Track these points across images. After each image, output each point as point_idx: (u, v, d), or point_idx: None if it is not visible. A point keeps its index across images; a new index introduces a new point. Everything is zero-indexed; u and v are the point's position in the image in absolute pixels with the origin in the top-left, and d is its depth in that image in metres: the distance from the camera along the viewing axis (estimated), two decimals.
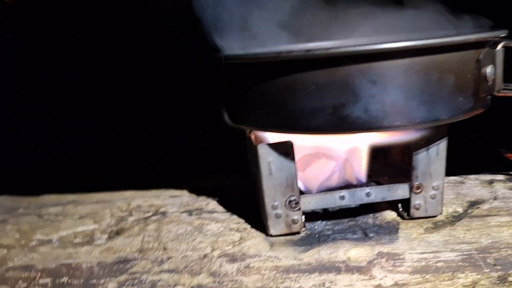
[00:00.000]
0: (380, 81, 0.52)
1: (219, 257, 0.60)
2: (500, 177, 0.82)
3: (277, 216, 0.63)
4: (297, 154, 0.68)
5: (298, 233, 0.65)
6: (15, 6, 0.97)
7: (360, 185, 0.70)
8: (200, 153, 1.02)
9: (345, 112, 0.53)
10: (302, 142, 0.65)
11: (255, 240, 0.63)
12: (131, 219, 0.73)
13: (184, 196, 0.82)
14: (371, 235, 0.63)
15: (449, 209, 0.69)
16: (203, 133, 1.01)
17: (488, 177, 0.82)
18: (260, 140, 0.65)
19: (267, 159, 0.61)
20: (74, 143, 1.05)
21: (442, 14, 0.69)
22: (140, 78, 1.02)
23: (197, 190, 0.85)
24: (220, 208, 0.75)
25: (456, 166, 0.83)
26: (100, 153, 1.04)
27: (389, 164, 0.77)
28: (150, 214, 0.75)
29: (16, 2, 0.96)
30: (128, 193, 0.87)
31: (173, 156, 1.04)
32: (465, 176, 0.85)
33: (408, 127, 0.55)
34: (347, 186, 0.70)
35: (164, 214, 0.74)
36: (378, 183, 0.71)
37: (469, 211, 0.69)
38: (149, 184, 0.90)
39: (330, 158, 0.70)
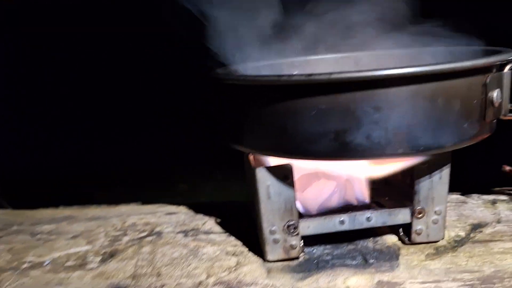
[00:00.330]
0: (383, 107, 0.50)
1: (214, 285, 0.58)
2: (503, 197, 0.80)
3: (275, 241, 0.62)
4: (296, 174, 0.66)
5: (296, 258, 0.63)
6: (15, 6, 0.96)
7: (361, 207, 0.68)
8: (200, 153, 1.01)
9: (347, 139, 0.51)
10: (301, 162, 0.63)
11: (251, 266, 0.62)
12: (125, 239, 0.71)
13: (180, 214, 0.80)
14: (371, 261, 0.62)
15: (451, 233, 0.68)
16: (203, 133, 0.99)
17: (491, 196, 0.81)
18: (258, 162, 0.64)
19: (266, 183, 0.60)
20: (74, 143, 1.04)
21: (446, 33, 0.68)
22: (140, 78, 1.01)
23: (195, 206, 0.83)
24: (217, 228, 0.73)
25: (458, 183, 0.81)
26: (100, 153, 1.03)
27: (389, 184, 0.75)
28: (145, 234, 0.73)
29: (16, 2, 0.96)
30: (124, 209, 0.85)
31: (173, 156, 1.03)
32: (467, 195, 0.83)
33: (411, 155, 0.53)
34: (348, 207, 0.68)
35: (159, 234, 0.72)
36: (379, 204, 0.69)
37: (472, 235, 0.67)
38: (149, 185, 0.88)
39: (330, 178, 0.69)
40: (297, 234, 0.62)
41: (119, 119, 1.04)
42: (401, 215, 0.64)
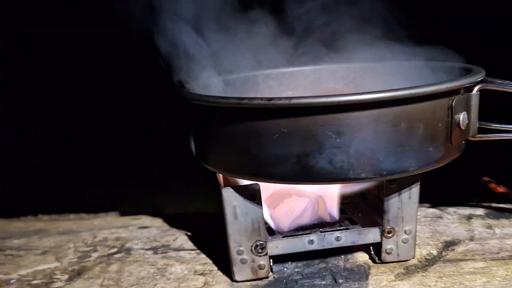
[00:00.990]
0: (345, 132, 0.49)
1: None
2: (480, 211, 0.80)
3: (243, 262, 0.61)
4: (268, 191, 0.66)
5: (265, 277, 0.62)
6: (15, 6, 0.96)
7: (333, 223, 0.67)
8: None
9: (310, 163, 0.51)
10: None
11: (219, 287, 0.61)
12: (94, 255, 0.71)
13: (153, 228, 0.79)
14: (340, 281, 0.61)
15: (423, 251, 0.67)
16: None
17: (468, 211, 0.80)
18: (228, 180, 0.63)
19: (232, 203, 0.59)
20: (73, 144, 1.04)
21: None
22: (139, 78, 1.00)
23: (170, 219, 0.82)
24: (188, 244, 0.73)
25: (435, 195, 0.81)
26: (96, 152, 1.03)
27: (364, 198, 0.74)
28: (114, 250, 0.72)
29: (16, 2, 0.95)
30: (97, 221, 0.84)
31: (168, 155, 1.02)
32: (443, 208, 0.82)
33: (375, 179, 0.53)
34: (320, 223, 0.68)
35: (128, 251, 0.71)
36: (351, 221, 0.69)
37: (444, 253, 0.67)
38: (143, 184, 0.87)
39: (302, 194, 0.68)
40: (265, 254, 0.61)
41: (117, 119, 1.04)
42: (371, 235, 0.63)
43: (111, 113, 1.03)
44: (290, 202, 0.68)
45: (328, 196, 0.69)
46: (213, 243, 0.71)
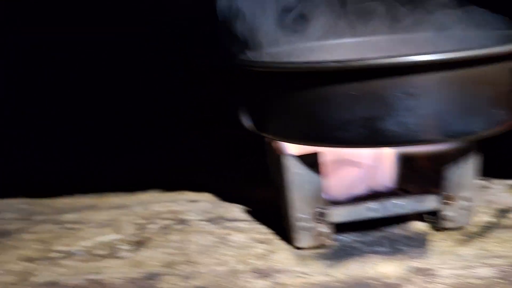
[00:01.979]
0: (414, 94, 0.49)
1: (247, 272, 0.58)
2: None
3: (304, 229, 0.62)
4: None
5: (326, 245, 0.63)
6: (15, 6, 0.96)
7: (390, 194, 0.68)
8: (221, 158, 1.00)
9: (378, 125, 0.51)
10: (327, 149, 0.63)
11: (282, 253, 0.62)
12: (151, 227, 0.72)
13: (202, 202, 0.80)
14: (400, 247, 0.62)
15: (478, 219, 0.67)
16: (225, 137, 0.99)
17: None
18: (283, 149, 0.63)
19: (293, 171, 0.60)
20: (82, 145, 1.04)
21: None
22: (142, 77, 1.00)
23: (216, 194, 0.83)
24: (242, 216, 0.74)
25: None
26: (98, 154, 1.03)
27: (415, 170, 0.74)
28: (170, 222, 0.73)
29: (16, 2, 0.96)
30: (144, 197, 0.85)
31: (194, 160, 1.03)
32: (488, 179, 0.82)
33: (442, 141, 0.53)
34: (374, 194, 0.68)
35: (184, 222, 0.72)
36: (406, 191, 0.69)
37: (499, 220, 0.67)
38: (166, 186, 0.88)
39: (357, 165, 0.68)
40: (326, 221, 0.62)
41: (117, 119, 1.04)
42: (430, 202, 0.64)
43: (110, 113, 1.04)
44: (344, 173, 0.68)
45: (382, 167, 0.69)
46: (267, 214, 0.72)
